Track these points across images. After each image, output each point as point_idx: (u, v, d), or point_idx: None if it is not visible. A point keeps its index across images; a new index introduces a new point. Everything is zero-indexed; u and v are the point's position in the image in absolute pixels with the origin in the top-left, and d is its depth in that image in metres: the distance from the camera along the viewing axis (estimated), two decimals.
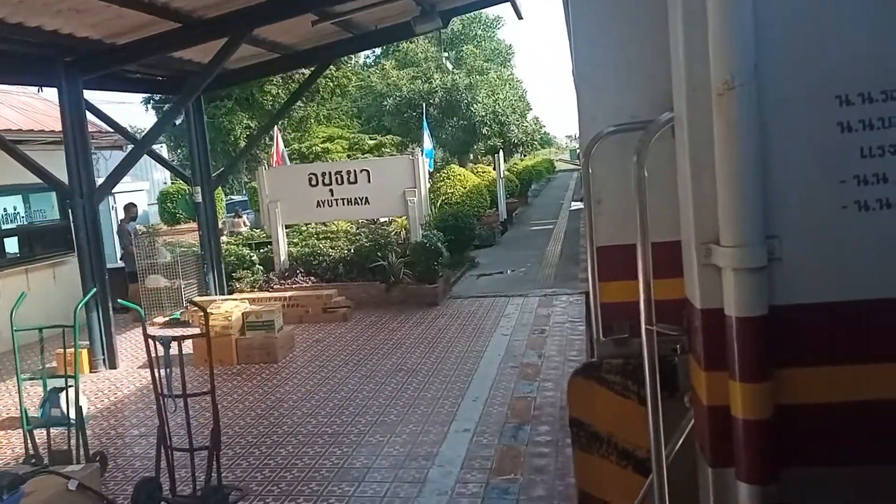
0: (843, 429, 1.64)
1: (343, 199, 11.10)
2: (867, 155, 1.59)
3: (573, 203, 26.88)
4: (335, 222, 12.62)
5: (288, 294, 10.11)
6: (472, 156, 27.96)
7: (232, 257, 11.51)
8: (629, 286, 1.98)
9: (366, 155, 27.31)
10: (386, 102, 23.87)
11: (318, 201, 11.15)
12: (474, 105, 23.62)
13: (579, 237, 17.01)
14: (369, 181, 10.98)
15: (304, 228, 12.74)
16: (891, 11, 1.57)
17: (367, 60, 30.14)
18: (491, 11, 31.38)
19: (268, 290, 10.72)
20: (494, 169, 19.32)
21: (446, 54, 16.55)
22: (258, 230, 13.85)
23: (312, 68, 11.62)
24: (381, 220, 13.13)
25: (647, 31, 2.09)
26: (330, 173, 11.14)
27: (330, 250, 11.20)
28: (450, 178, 17.42)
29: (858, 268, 1.61)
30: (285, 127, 19.88)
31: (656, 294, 1.79)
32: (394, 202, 10.93)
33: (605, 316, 2.33)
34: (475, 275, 12.82)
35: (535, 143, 29.64)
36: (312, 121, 20.64)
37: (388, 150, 23.69)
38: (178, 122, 11.53)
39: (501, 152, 21.08)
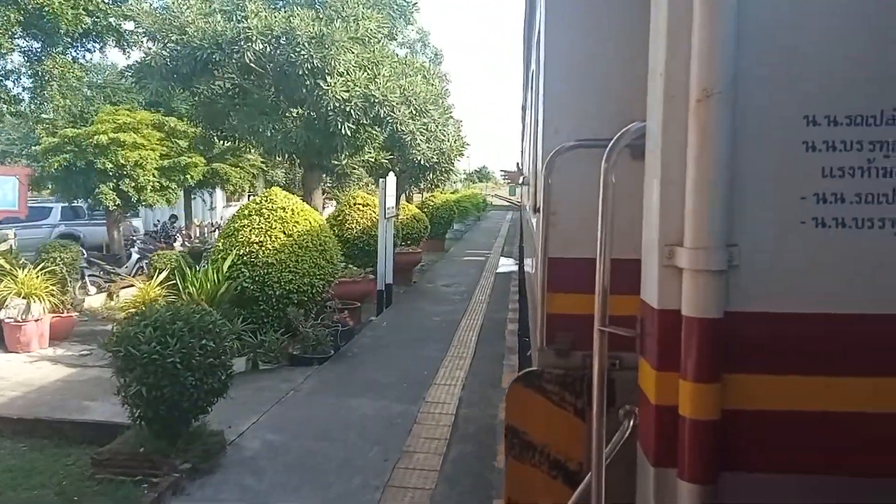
0: (784, 437, 1.70)
1: None
2: (828, 175, 1.66)
3: (502, 260, 18.66)
4: None
5: None
6: (337, 175, 17.89)
7: None
8: (575, 299, 2.18)
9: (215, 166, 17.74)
10: (148, 53, 12.58)
11: None
12: (329, 77, 12.01)
13: (504, 351, 8.65)
14: None
15: None
16: (863, 42, 1.66)
17: None
18: None
19: None
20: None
21: None
22: None
23: None
24: None
25: (617, 50, 2.20)
26: None
27: None
28: (262, 215, 8.77)
29: (810, 282, 1.68)
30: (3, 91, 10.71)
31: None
32: None
33: (549, 326, 2.35)
34: None
35: (454, 167, 20.44)
36: (59, 81, 11.34)
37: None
38: None
39: (392, 175, 12.52)
